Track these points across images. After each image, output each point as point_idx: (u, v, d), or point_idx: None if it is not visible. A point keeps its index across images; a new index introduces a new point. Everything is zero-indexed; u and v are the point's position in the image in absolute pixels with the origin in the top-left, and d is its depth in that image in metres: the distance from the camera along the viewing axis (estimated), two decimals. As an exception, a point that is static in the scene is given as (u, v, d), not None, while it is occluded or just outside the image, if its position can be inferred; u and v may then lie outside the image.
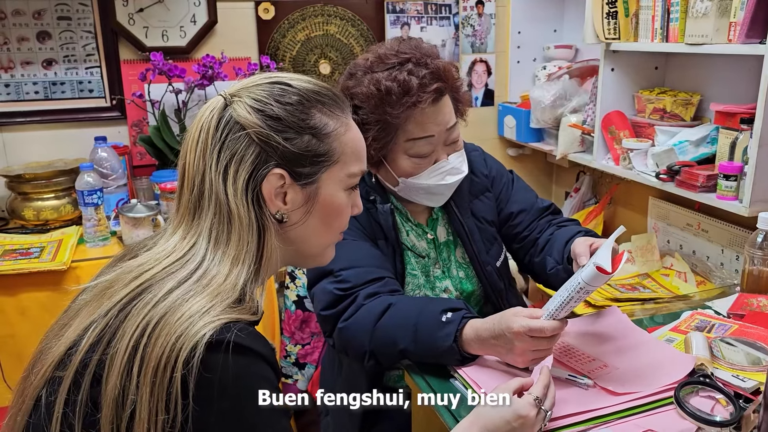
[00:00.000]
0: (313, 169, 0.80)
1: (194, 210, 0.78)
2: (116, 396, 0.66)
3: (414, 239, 1.35)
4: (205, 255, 0.75)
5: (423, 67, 1.19)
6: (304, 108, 0.80)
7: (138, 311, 0.70)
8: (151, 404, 0.65)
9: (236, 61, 2.22)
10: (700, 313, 1.34)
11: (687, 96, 1.82)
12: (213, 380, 0.66)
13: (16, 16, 2.01)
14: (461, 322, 1.08)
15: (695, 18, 1.55)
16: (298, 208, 0.81)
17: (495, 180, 1.43)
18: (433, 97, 1.19)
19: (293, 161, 0.79)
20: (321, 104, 0.82)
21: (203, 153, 0.78)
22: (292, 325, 1.93)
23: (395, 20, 2.40)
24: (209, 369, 0.66)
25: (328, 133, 0.81)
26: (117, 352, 0.68)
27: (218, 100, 0.80)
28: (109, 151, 2.01)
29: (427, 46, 1.26)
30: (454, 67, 1.27)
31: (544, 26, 2.53)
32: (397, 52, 1.22)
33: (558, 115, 2.21)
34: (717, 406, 0.99)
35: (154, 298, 0.71)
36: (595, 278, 0.97)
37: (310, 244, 0.86)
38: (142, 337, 0.68)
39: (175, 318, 0.68)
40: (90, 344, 0.70)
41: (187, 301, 0.70)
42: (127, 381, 0.66)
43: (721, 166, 1.54)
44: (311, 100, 0.81)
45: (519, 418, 0.86)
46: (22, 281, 1.67)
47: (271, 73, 0.84)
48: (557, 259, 1.29)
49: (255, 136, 0.77)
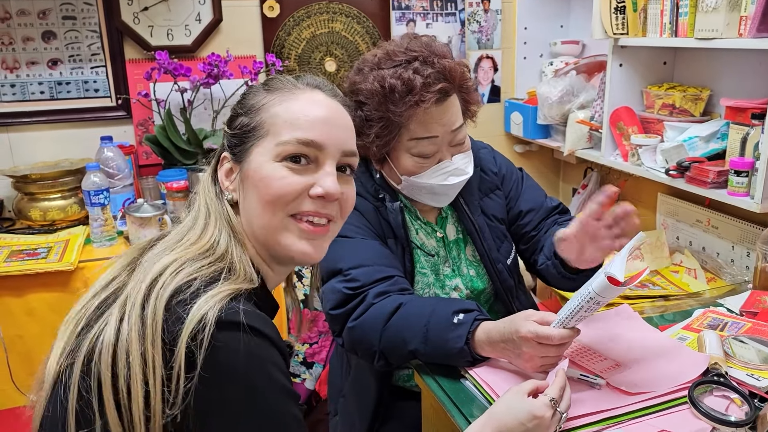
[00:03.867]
0: (245, 146, 0.83)
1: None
2: (110, 365, 0.68)
3: (423, 237, 1.34)
4: (188, 233, 0.81)
5: (429, 66, 1.18)
6: (248, 94, 0.87)
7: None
8: (147, 366, 0.66)
9: (242, 59, 2.21)
10: (713, 311, 1.33)
11: (696, 91, 1.80)
12: (222, 358, 0.66)
13: (21, 16, 2.00)
14: (473, 324, 1.07)
15: (705, 12, 1.54)
16: (238, 186, 0.85)
17: (505, 178, 1.42)
18: (437, 97, 1.18)
19: (233, 144, 0.85)
20: (267, 85, 0.87)
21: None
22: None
23: (401, 17, 2.39)
24: (219, 346, 0.66)
25: (258, 108, 0.84)
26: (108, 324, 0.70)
27: None
28: (115, 151, 2.01)
29: (438, 45, 1.24)
30: (465, 66, 1.25)
31: (550, 22, 2.51)
32: (406, 49, 1.21)
33: (565, 111, 2.20)
34: (732, 406, 0.98)
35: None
36: (606, 289, 0.92)
37: (255, 225, 0.82)
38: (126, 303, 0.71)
39: (153, 271, 0.73)
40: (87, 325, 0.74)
41: (163, 256, 0.76)
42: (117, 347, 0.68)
43: (732, 162, 1.52)
44: (259, 86, 0.87)
45: (534, 419, 0.85)
46: (30, 282, 1.66)
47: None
48: (547, 254, 1.29)
49: (223, 134, 0.89)
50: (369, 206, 1.29)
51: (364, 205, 1.29)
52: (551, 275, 1.30)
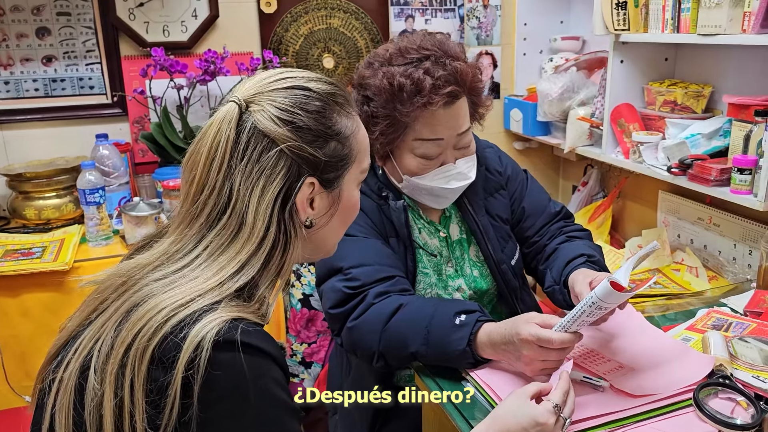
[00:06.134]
0: (338, 173, 0.81)
1: (203, 220, 0.75)
2: (94, 395, 0.66)
3: (426, 237, 1.33)
4: (193, 260, 0.73)
5: (441, 68, 1.15)
6: (328, 114, 0.79)
7: (116, 307, 0.70)
8: (124, 396, 0.64)
9: (238, 55, 2.18)
10: (717, 311, 1.32)
11: (698, 88, 1.78)
12: (220, 380, 0.65)
13: (15, 12, 1.98)
14: (475, 326, 1.05)
15: (708, 8, 1.52)
16: (324, 213, 0.81)
17: (510, 179, 1.40)
18: (446, 100, 1.15)
19: (323, 169, 0.78)
20: (339, 106, 0.81)
21: (221, 165, 0.74)
22: (298, 324, 1.91)
23: (399, 12, 2.37)
24: (216, 369, 0.64)
25: (348, 136, 0.81)
26: (98, 353, 0.68)
27: (232, 109, 0.75)
28: (110, 149, 1.99)
29: (451, 45, 1.21)
30: (477, 69, 1.22)
31: (550, 17, 2.49)
32: (419, 47, 1.18)
33: (566, 107, 2.18)
34: (737, 409, 0.97)
35: (135, 291, 0.71)
36: (609, 294, 0.92)
37: (328, 243, 0.86)
38: (116, 332, 0.68)
39: (144, 310, 0.68)
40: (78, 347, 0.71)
41: (160, 294, 0.69)
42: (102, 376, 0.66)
43: (735, 160, 1.51)
44: (331, 104, 0.80)
45: (537, 426, 0.83)
46: (25, 282, 1.65)
47: (280, 71, 0.80)
48: (555, 278, 1.27)
49: (287, 150, 0.74)
50: (372, 204, 1.27)
51: (367, 203, 1.27)
52: (557, 300, 1.28)
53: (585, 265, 1.20)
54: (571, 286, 1.14)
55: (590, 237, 1.39)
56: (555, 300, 1.29)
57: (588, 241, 1.36)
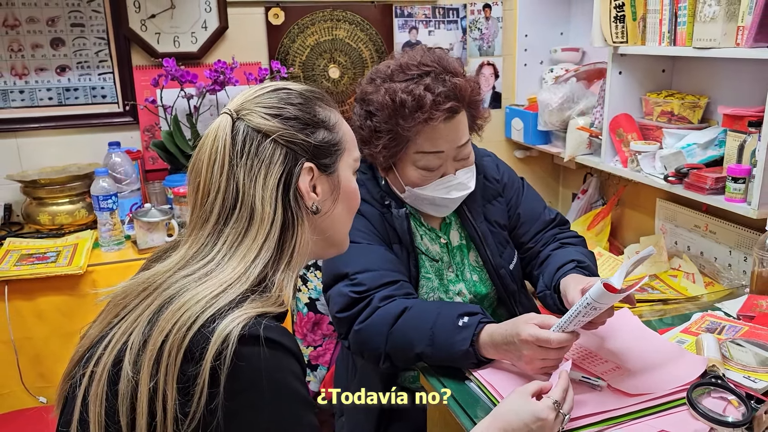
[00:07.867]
0: (332, 158, 0.87)
1: (215, 221, 0.80)
2: (128, 389, 0.70)
3: (428, 243, 1.37)
4: (216, 255, 0.78)
5: (440, 84, 1.20)
6: (311, 105, 0.86)
7: (147, 305, 0.75)
8: (159, 388, 0.68)
9: (247, 66, 2.24)
10: (711, 314, 1.36)
11: (694, 99, 1.83)
12: (244, 372, 0.69)
13: (30, 23, 2.03)
14: (478, 327, 1.09)
15: (703, 22, 1.57)
16: (327, 197, 0.87)
17: (507, 186, 1.44)
18: (446, 115, 1.20)
19: (317, 154, 0.85)
20: (319, 100, 0.89)
21: (222, 167, 0.79)
22: (305, 327, 1.95)
23: (403, 24, 2.42)
24: (241, 361, 0.69)
25: (334, 124, 0.88)
26: (131, 346, 0.72)
27: (225, 119, 0.82)
28: (122, 156, 2.04)
29: (450, 60, 1.26)
30: (476, 83, 1.27)
31: (550, 29, 2.54)
32: (419, 63, 1.23)
33: (565, 117, 2.23)
34: (729, 407, 1.01)
35: (164, 290, 0.75)
36: (603, 296, 0.96)
37: (336, 231, 0.91)
38: (150, 326, 0.72)
39: (181, 303, 0.72)
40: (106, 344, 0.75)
41: (194, 288, 0.74)
42: (136, 370, 0.70)
43: (730, 169, 1.55)
44: (312, 98, 0.88)
45: (538, 421, 0.88)
46: (39, 285, 1.69)
47: (261, 85, 0.89)
48: (546, 283, 1.31)
49: (280, 139, 0.81)
50: (375, 212, 1.32)
51: (370, 210, 1.31)
52: (548, 304, 1.33)
53: (575, 271, 1.25)
54: (564, 291, 1.18)
55: (584, 244, 1.43)
56: (546, 304, 1.33)
57: (581, 247, 1.40)
